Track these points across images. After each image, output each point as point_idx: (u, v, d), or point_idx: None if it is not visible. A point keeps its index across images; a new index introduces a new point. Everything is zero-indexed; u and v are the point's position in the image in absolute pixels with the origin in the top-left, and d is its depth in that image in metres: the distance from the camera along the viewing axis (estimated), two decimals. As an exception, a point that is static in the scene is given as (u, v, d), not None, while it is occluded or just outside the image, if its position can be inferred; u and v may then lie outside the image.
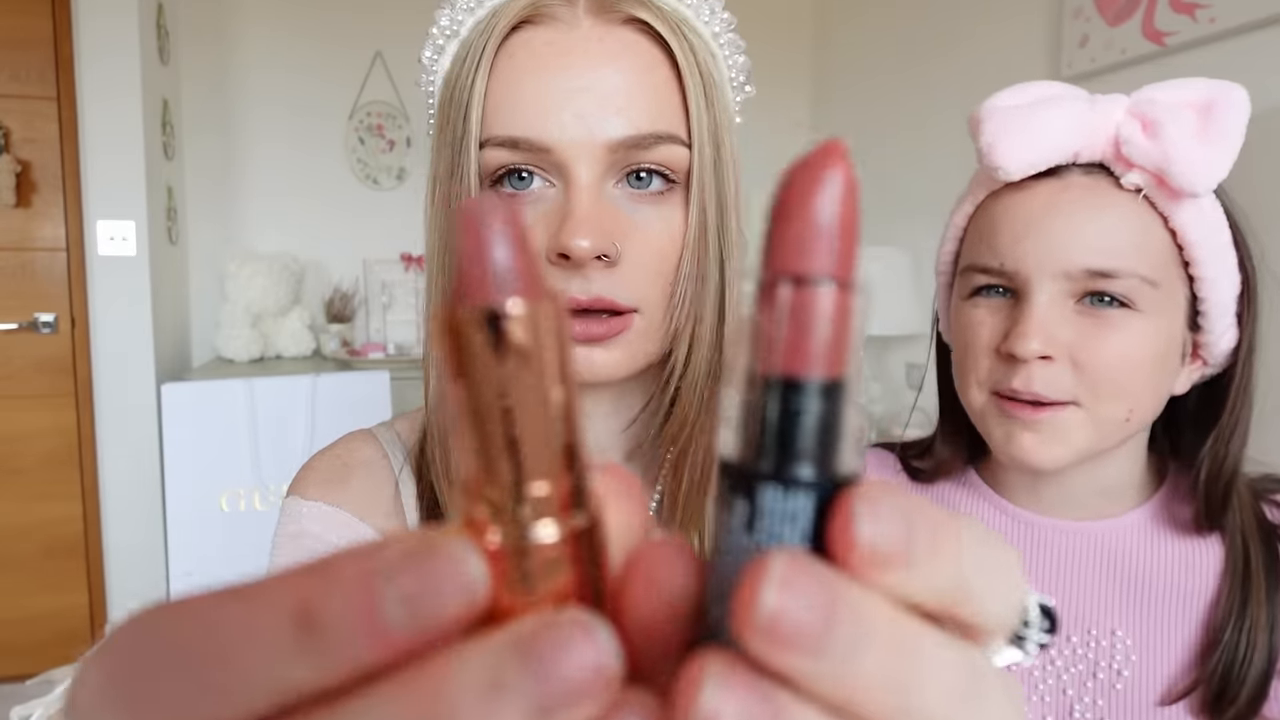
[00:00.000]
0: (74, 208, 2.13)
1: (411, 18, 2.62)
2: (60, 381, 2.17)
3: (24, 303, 2.13)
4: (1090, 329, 0.51)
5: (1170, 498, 0.58)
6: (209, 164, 2.50)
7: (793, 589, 0.11)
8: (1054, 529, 0.58)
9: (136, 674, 0.11)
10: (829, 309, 0.12)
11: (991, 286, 0.54)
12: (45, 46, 2.08)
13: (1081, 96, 0.53)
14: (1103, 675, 0.55)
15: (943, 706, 0.12)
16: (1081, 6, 1.81)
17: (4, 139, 2.07)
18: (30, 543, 2.17)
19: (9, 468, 2.15)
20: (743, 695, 0.11)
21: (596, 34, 0.39)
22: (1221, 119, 0.49)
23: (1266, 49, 1.46)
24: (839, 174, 0.13)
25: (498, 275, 0.13)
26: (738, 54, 0.46)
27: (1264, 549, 0.53)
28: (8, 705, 1.11)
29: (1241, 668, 0.51)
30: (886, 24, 2.58)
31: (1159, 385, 0.53)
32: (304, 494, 0.48)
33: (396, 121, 2.63)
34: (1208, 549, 0.56)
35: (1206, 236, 0.51)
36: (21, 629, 2.18)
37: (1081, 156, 0.51)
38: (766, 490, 0.13)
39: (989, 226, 0.54)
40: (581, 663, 0.11)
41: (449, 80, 0.42)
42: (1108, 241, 0.50)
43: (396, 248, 2.64)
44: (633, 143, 0.40)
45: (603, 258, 0.39)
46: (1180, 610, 0.55)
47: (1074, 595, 0.57)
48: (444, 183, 0.41)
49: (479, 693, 0.10)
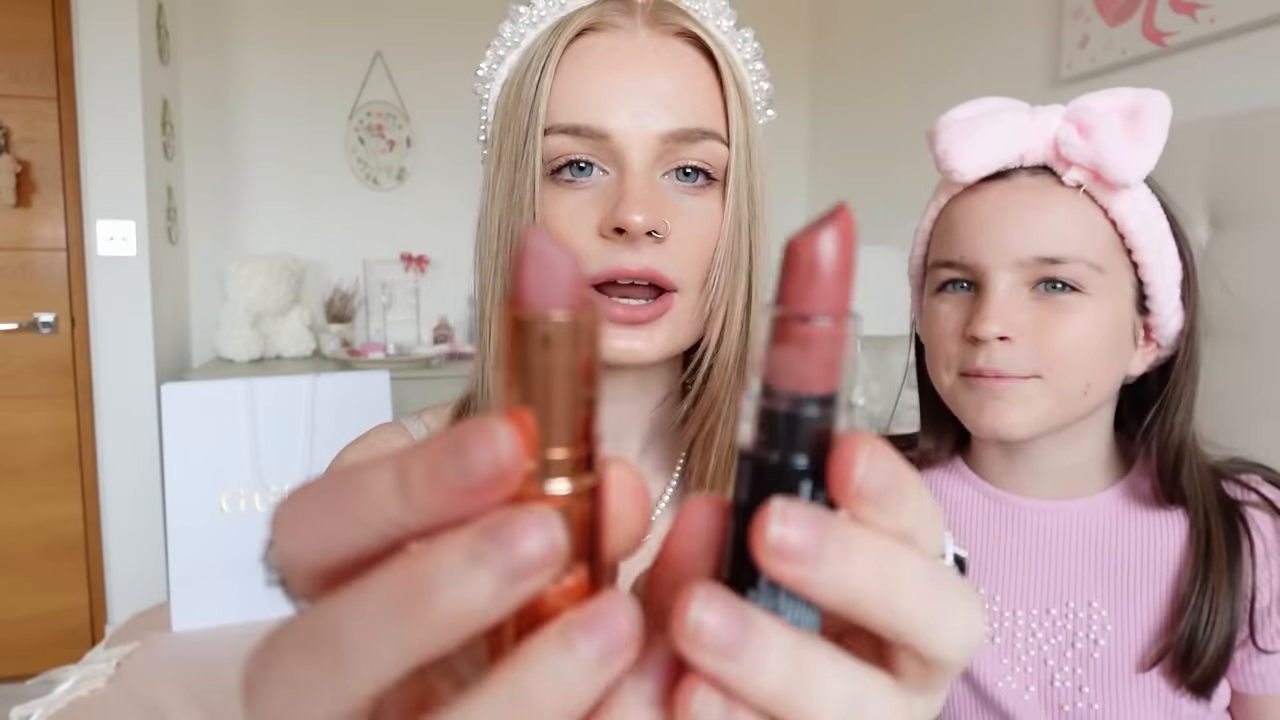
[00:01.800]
0: (74, 208, 2.13)
1: (411, 18, 2.64)
2: (60, 381, 2.17)
3: (24, 303, 2.13)
4: (1045, 312, 0.56)
5: (1138, 478, 0.63)
6: (209, 164, 2.50)
7: (791, 519, 0.15)
8: (1033, 509, 0.63)
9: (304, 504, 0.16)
10: (825, 340, 0.16)
11: (955, 281, 0.60)
12: (45, 47, 2.08)
13: (1024, 109, 0.59)
14: (1081, 645, 0.60)
15: (921, 602, 0.16)
16: (1081, 6, 1.81)
17: (4, 139, 2.07)
18: (30, 543, 2.17)
19: (9, 468, 2.15)
20: (721, 610, 0.15)
21: (652, 44, 0.45)
22: (1146, 121, 0.54)
23: (1266, 49, 1.46)
24: (839, 233, 0.16)
25: (553, 289, 0.16)
26: (763, 81, 0.52)
27: (1225, 523, 0.58)
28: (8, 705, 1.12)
29: (1206, 630, 0.55)
30: (886, 24, 2.58)
31: (1112, 362, 0.58)
32: None
33: (396, 121, 2.63)
34: (1174, 524, 0.60)
35: (1143, 225, 0.57)
36: (21, 629, 2.18)
37: (1027, 159, 0.58)
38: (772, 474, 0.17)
39: (950, 226, 0.61)
40: (539, 540, 0.14)
41: (512, 82, 0.47)
42: (1054, 232, 0.56)
43: (396, 248, 2.64)
44: (680, 135, 0.44)
45: (653, 234, 0.44)
46: (1151, 582, 0.59)
47: (1053, 570, 0.62)
48: (507, 170, 0.46)
49: (462, 560, 0.14)
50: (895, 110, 2.55)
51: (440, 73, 2.64)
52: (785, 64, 2.98)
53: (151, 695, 1.07)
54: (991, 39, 2.12)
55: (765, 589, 0.16)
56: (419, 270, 2.65)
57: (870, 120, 2.69)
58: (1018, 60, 2.02)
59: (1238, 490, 0.60)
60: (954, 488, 0.68)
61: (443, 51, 2.64)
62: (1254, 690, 0.58)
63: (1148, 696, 0.58)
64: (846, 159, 2.83)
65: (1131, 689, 0.58)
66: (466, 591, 0.14)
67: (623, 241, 0.43)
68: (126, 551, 2.25)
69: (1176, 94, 0.56)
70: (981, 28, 2.15)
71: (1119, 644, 0.59)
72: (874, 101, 2.66)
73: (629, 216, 0.42)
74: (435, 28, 2.64)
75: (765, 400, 0.17)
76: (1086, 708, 0.58)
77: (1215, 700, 0.58)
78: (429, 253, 2.66)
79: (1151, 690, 0.58)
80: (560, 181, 0.45)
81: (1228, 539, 0.57)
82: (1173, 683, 0.57)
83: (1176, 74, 1.62)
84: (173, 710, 1.04)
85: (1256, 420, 1.10)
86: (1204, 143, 1.21)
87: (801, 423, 0.16)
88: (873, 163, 2.68)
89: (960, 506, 0.67)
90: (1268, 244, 1.10)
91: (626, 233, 0.43)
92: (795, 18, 2.99)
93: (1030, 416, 0.57)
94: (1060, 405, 0.57)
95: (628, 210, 0.42)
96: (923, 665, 0.17)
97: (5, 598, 2.17)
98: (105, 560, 2.25)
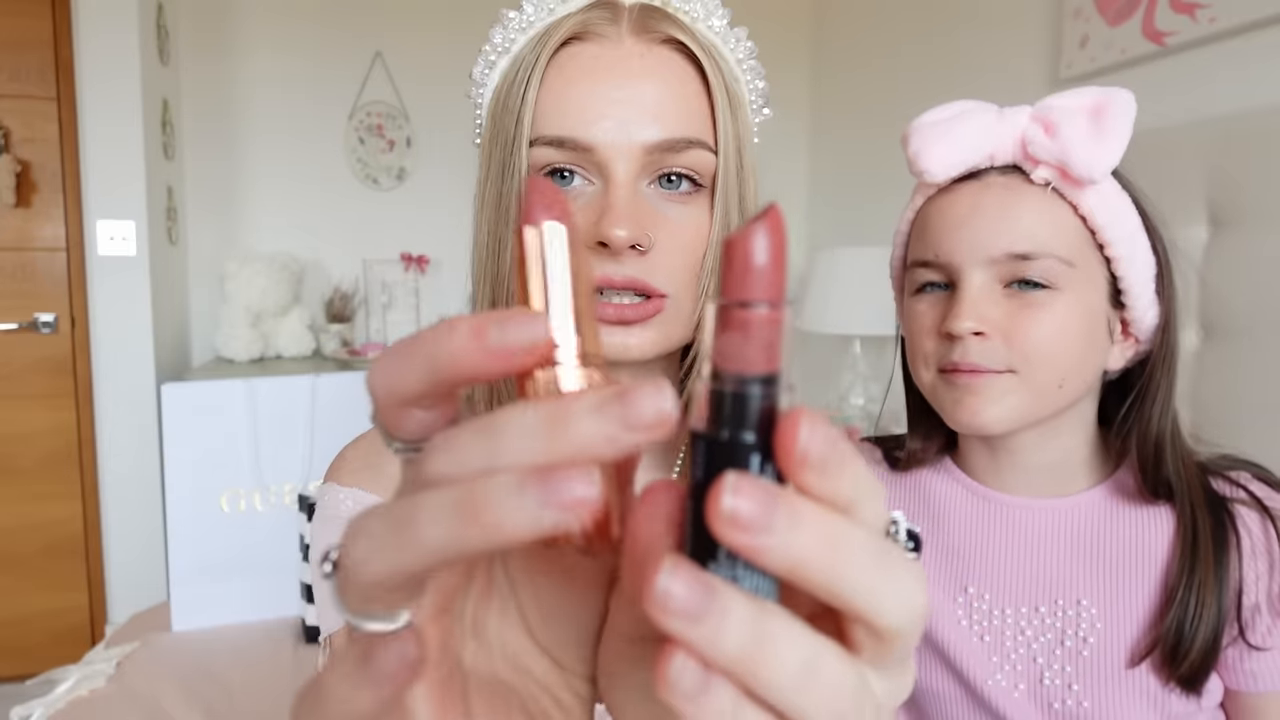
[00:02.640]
0: (74, 208, 2.13)
1: (411, 18, 2.64)
2: (60, 381, 2.17)
3: (24, 303, 2.13)
4: (1017, 309, 0.57)
5: (1125, 474, 0.63)
6: (209, 164, 2.50)
7: (742, 491, 0.17)
8: (1021, 507, 0.64)
9: (372, 522, 0.19)
10: (764, 325, 0.18)
11: (932, 283, 0.61)
12: (45, 47, 2.08)
13: (992, 109, 0.60)
14: (1070, 643, 0.60)
15: (864, 569, 0.18)
16: (1081, 6, 1.81)
17: (4, 139, 2.07)
18: (30, 543, 2.17)
19: (9, 468, 2.15)
20: (685, 578, 0.17)
21: (637, 51, 0.45)
22: (1110, 119, 0.55)
23: (1266, 49, 1.46)
24: (769, 229, 0.18)
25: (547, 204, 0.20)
26: (758, 79, 0.52)
27: (1211, 518, 0.58)
28: (8, 705, 1.12)
29: (1193, 624, 0.56)
30: (886, 23, 2.58)
31: (1087, 356, 0.59)
32: (340, 480, 0.53)
33: (396, 121, 2.63)
34: (1161, 520, 0.61)
35: (1113, 220, 0.57)
36: (21, 629, 2.18)
37: (996, 159, 0.59)
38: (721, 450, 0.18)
39: (925, 226, 0.62)
40: (656, 404, 0.17)
41: (501, 89, 0.47)
42: (1024, 229, 0.57)
43: (396, 247, 2.64)
44: (666, 146, 0.44)
45: (636, 247, 0.44)
46: (1139, 579, 0.60)
47: (1041, 568, 0.62)
48: (495, 181, 0.47)
49: (512, 487, 0.17)
50: (895, 110, 2.55)
51: (440, 73, 2.64)
52: (785, 64, 2.98)
53: (151, 695, 1.07)
54: (991, 39, 2.12)
55: (724, 560, 0.18)
56: (419, 270, 2.65)
57: (870, 120, 2.69)
58: (1018, 60, 2.02)
59: (1226, 487, 0.61)
60: (943, 487, 0.68)
61: (443, 51, 2.64)
62: (1247, 688, 0.58)
63: (1137, 694, 0.58)
64: (846, 159, 2.84)
65: (1120, 686, 0.58)
66: (510, 514, 0.17)
67: (607, 255, 0.44)
68: (126, 551, 2.25)
69: (1176, 94, 0.57)
70: (981, 28, 2.15)
71: (1108, 642, 0.59)
72: (874, 101, 2.67)
73: (612, 231, 0.42)
74: (435, 28, 2.64)
75: (714, 383, 0.19)
76: (1076, 705, 0.59)
77: (1205, 697, 0.58)
78: (429, 253, 2.66)
79: (1141, 687, 0.58)
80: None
81: (1215, 533, 0.58)
82: (1161, 678, 0.58)
83: (1176, 74, 1.62)
84: (173, 710, 1.04)
85: (1256, 419, 1.10)
86: (1204, 143, 1.21)
87: (747, 401, 0.18)
88: (872, 163, 2.68)
89: (949, 505, 0.67)
90: (1268, 244, 1.10)
91: (610, 247, 0.43)
92: (795, 17, 2.99)
93: (1006, 411, 0.58)
94: (1036, 399, 0.58)
95: (611, 225, 0.42)
96: (872, 636, 0.19)
97: (5, 598, 2.17)
98: (105, 560, 2.25)
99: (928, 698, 0.66)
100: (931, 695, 0.65)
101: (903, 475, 0.70)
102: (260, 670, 1.15)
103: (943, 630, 0.64)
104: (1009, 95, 0.63)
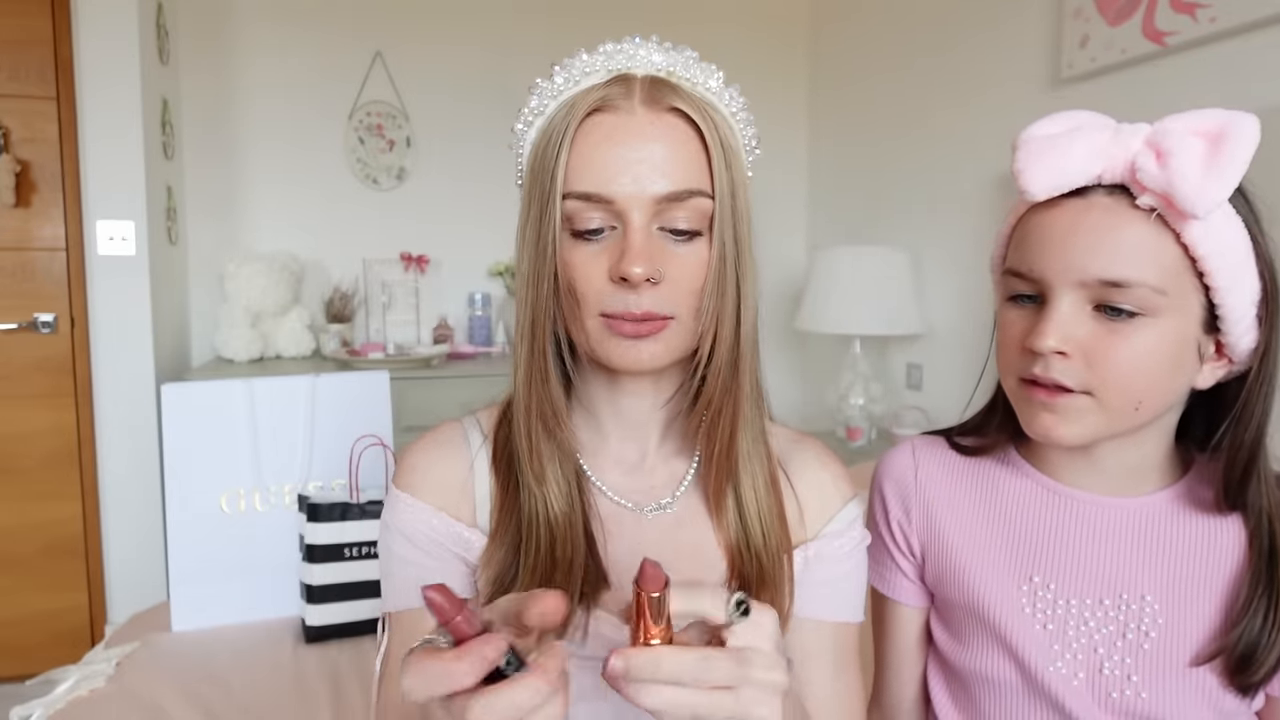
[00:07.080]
0: (74, 208, 2.13)
1: (411, 18, 2.64)
2: (60, 381, 2.17)
3: (24, 303, 2.13)
4: (1104, 334, 0.58)
5: (1195, 482, 0.65)
6: (208, 164, 2.50)
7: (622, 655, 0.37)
8: (1088, 501, 0.66)
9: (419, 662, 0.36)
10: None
11: (1024, 295, 0.62)
12: (45, 46, 2.08)
13: (1108, 126, 0.59)
14: (1131, 636, 0.62)
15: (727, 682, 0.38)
16: (1081, 6, 1.81)
17: (4, 139, 2.07)
18: (30, 543, 2.17)
19: (9, 468, 2.15)
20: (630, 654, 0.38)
21: (648, 119, 0.55)
22: (1229, 147, 0.53)
23: (1266, 49, 1.46)
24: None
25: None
26: (749, 126, 0.61)
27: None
28: (8, 705, 1.12)
29: (1268, 637, 0.58)
30: (885, 23, 2.58)
31: (1169, 381, 0.59)
32: (398, 483, 0.64)
33: (396, 121, 2.63)
34: (1231, 530, 0.62)
35: (1217, 250, 0.56)
36: (21, 629, 2.18)
37: (1104, 179, 0.58)
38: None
39: (1025, 236, 0.62)
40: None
41: (538, 147, 0.58)
42: (1122, 256, 0.56)
43: (396, 247, 2.64)
44: (672, 196, 0.55)
45: (650, 280, 0.54)
46: (1206, 583, 0.62)
47: (1108, 563, 0.64)
48: (534, 224, 0.57)
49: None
50: (895, 110, 2.55)
51: (440, 73, 2.64)
52: (785, 65, 2.98)
53: (151, 695, 1.07)
54: (992, 39, 2.12)
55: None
56: (419, 270, 2.65)
57: (870, 120, 2.69)
58: (1018, 60, 2.02)
59: None
60: (1010, 477, 0.70)
61: (443, 51, 2.64)
62: None
63: (1194, 689, 0.60)
64: (846, 159, 2.84)
65: (1180, 682, 0.60)
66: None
67: (627, 288, 0.54)
68: (126, 551, 2.25)
69: (1176, 94, 0.56)
70: (982, 28, 2.15)
71: (1169, 638, 0.61)
72: (874, 101, 2.66)
73: (630, 268, 0.53)
74: (435, 28, 2.64)
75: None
76: (1135, 696, 0.61)
77: (1256, 699, 0.61)
78: (429, 252, 2.66)
79: (1199, 684, 0.60)
80: (577, 234, 0.56)
81: None
82: (1223, 680, 0.59)
83: (1176, 74, 1.62)
84: (173, 710, 1.04)
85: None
86: (1204, 143, 1.21)
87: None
88: (872, 163, 2.68)
89: (1016, 495, 0.69)
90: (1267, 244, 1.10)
91: (628, 280, 0.53)
92: (795, 17, 2.99)
93: (1081, 429, 0.59)
94: (1112, 420, 0.59)
95: (630, 263, 0.53)
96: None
97: (5, 598, 2.17)
98: (105, 560, 2.25)
99: (984, 687, 0.67)
100: (988, 684, 0.66)
101: (969, 462, 0.72)
102: (260, 670, 1.15)
103: (1005, 617, 0.65)
104: (1009, 95, 0.63)
